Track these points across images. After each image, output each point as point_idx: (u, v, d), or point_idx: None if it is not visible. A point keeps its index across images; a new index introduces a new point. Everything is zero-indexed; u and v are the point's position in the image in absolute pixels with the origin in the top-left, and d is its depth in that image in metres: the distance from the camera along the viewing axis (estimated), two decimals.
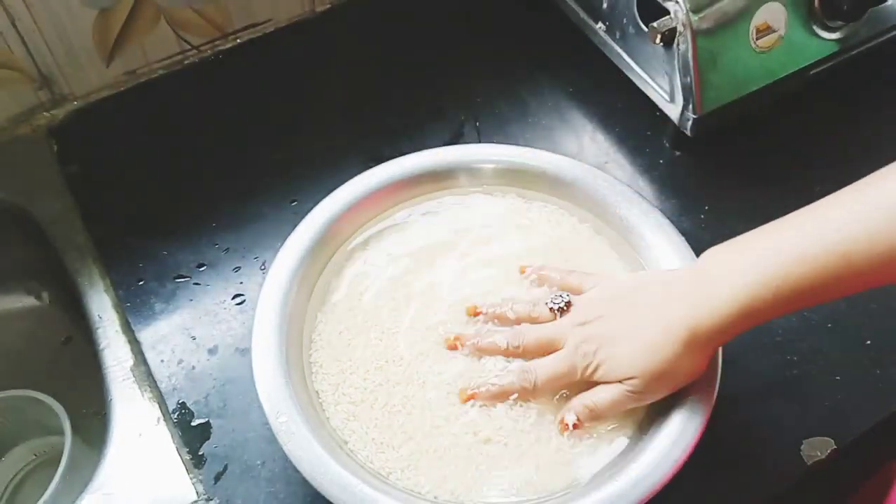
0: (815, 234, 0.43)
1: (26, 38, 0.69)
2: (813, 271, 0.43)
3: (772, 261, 0.44)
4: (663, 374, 0.47)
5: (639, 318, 0.49)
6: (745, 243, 0.47)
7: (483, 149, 0.64)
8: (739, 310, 0.44)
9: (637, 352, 0.48)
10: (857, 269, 0.42)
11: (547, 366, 0.51)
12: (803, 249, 0.43)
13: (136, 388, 0.58)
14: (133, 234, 0.67)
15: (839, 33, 0.67)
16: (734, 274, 0.45)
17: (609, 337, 0.49)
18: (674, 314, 0.47)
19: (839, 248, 0.42)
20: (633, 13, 0.67)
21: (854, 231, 0.42)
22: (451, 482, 0.50)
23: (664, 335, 0.47)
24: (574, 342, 0.50)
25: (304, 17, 0.82)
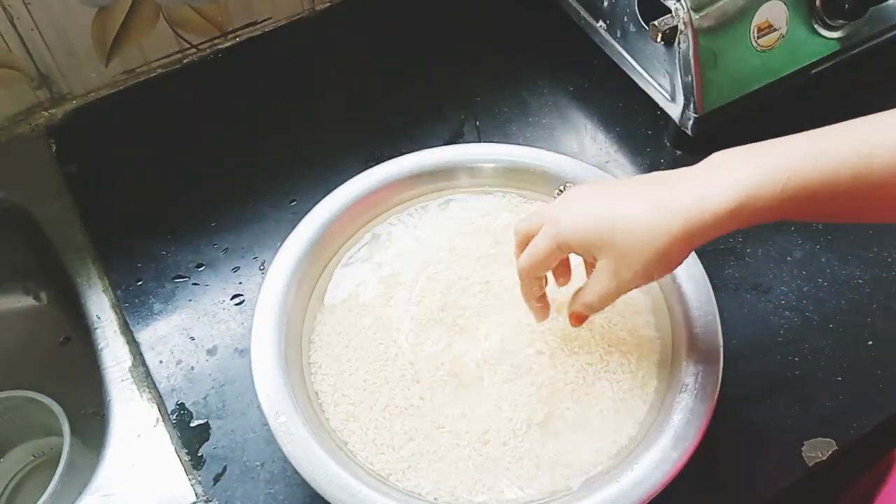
0: (834, 135, 0.41)
1: (25, 37, 0.68)
2: (827, 169, 0.40)
3: (782, 155, 0.41)
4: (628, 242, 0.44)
5: (622, 193, 0.46)
6: (757, 144, 0.43)
7: (483, 148, 0.64)
8: (736, 201, 0.41)
9: (603, 212, 0.45)
10: (877, 177, 0.39)
11: (528, 249, 0.49)
12: (818, 147, 0.40)
13: (135, 389, 0.58)
14: (132, 234, 0.66)
15: (840, 32, 0.67)
16: (737, 167, 0.42)
17: (582, 203, 0.47)
18: (664, 194, 0.44)
19: (860, 149, 0.39)
20: (634, 11, 0.67)
21: (878, 137, 0.39)
22: (451, 483, 0.50)
23: (647, 207, 0.43)
24: (548, 213, 0.48)
25: (304, 15, 0.82)
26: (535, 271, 0.49)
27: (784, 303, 0.61)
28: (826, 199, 0.41)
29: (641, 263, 0.44)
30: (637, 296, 0.57)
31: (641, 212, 0.44)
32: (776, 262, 0.63)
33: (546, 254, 0.48)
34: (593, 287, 0.47)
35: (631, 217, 0.44)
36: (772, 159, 0.41)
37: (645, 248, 0.44)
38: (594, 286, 0.47)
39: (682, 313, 0.54)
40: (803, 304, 0.61)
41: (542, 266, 0.49)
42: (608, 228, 0.45)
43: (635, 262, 0.44)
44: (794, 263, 0.63)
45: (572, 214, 0.46)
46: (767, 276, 0.63)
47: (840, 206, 0.42)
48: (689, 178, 0.44)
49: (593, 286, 0.47)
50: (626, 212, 0.44)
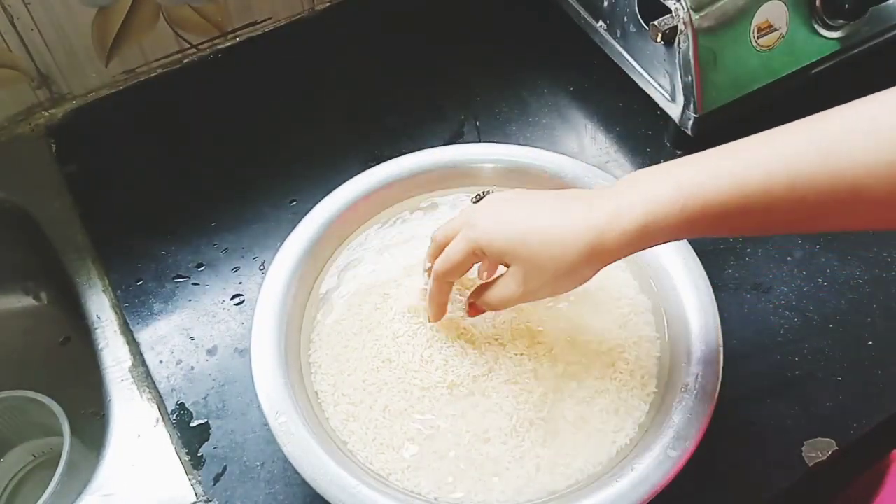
0: (734, 159, 0.41)
1: (25, 36, 0.68)
2: (726, 193, 0.40)
3: (684, 177, 0.41)
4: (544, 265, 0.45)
5: (537, 206, 0.47)
6: (676, 161, 0.44)
7: (483, 148, 0.64)
8: (641, 220, 0.42)
9: (526, 230, 0.45)
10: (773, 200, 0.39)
11: (443, 254, 0.50)
12: (718, 170, 0.41)
13: (135, 389, 0.58)
14: (132, 234, 0.66)
15: (840, 32, 0.67)
16: (649, 184, 0.43)
17: (499, 212, 0.47)
18: (575, 211, 0.44)
19: (757, 168, 0.39)
20: (634, 11, 0.67)
21: (775, 160, 0.40)
22: (451, 483, 0.50)
23: (558, 223, 0.44)
24: (466, 218, 0.49)
25: (304, 15, 0.82)
26: (449, 275, 0.50)
27: (784, 303, 0.61)
28: (731, 221, 0.41)
29: (551, 275, 0.45)
30: (637, 296, 0.57)
31: (554, 225, 0.45)
32: (776, 262, 0.63)
33: (461, 258, 0.49)
34: (499, 289, 0.48)
35: (544, 229, 0.45)
36: (677, 178, 0.42)
37: (555, 261, 0.45)
38: (500, 289, 0.48)
39: (682, 313, 0.54)
40: (803, 304, 0.61)
41: (457, 270, 0.50)
42: (521, 238, 0.46)
43: (545, 273, 0.45)
44: (794, 263, 0.63)
45: (489, 221, 0.48)
46: (767, 276, 0.63)
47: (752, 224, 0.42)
48: (606, 195, 0.45)
49: (500, 289, 0.48)
50: (540, 223, 0.45)
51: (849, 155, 0.38)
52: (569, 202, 0.46)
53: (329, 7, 0.83)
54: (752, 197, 0.40)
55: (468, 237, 0.48)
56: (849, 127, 0.39)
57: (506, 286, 0.48)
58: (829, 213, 0.40)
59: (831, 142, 0.39)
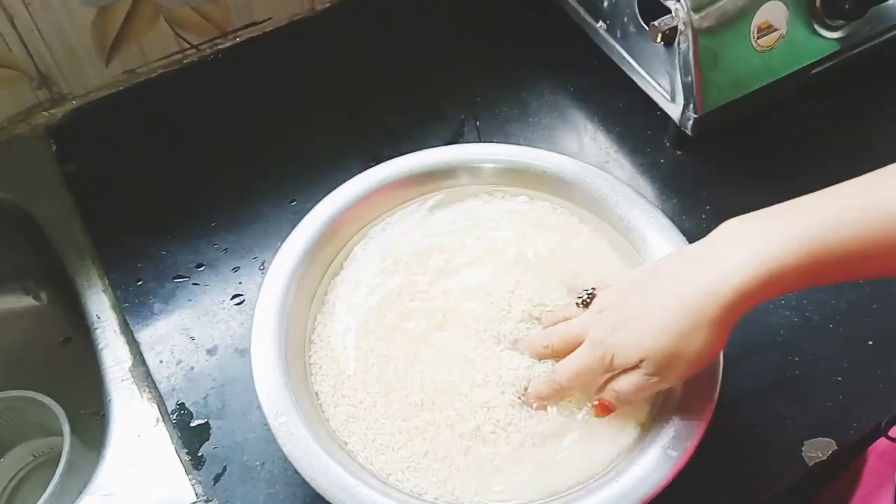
0: (853, 200, 0.40)
1: (25, 36, 0.68)
2: (854, 234, 0.39)
3: (803, 225, 0.40)
4: (673, 352, 0.44)
5: (653, 297, 0.46)
6: (768, 212, 0.43)
7: (483, 148, 0.64)
8: (763, 274, 0.40)
9: (647, 330, 0.45)
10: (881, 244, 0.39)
11: (570, 362, 0.49)
12: (840, 213, 0.40)
13: (135, 389, 0.58)
14: (132, 234, 0.66)
15: (840, 32, 0.67)
16: (758, 237, 0.41)
17: (623, 319, 0.47)
18: (688, 284, 0.43)
19: (881, 211, 0.39)
20: (634, 12, 0.67)
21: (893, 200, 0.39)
22: (451, 483, 0.50)
23: (674, 310, 0.44)
24: (593, 332, 0.48)
25: (304, 16, 0.82)
26: (578, 386, 0.50)
27: (784, 303, 0.61)
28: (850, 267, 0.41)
29: (688, 362, 0.45)
30: None
31: (672, 310, 0.44)
32: None
33: (592, 369, 0.48)
34: (631, 381, 0.47)
35: (664, 321, 0.44)
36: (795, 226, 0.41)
37: (688, 347, 0.44)
38: (632, 381, 0.47)
39: None
40: (803, 304, 0.61)
41: (586, 381, 0.49)
42: (647, 341, 0.45)
43: (682, 362, 0.45)
44: None
45: (614, 337, 0.47)
46: None
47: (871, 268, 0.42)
48: (711, 256, 0.43)
49: (631, 381, 0.47)
50: (658, 315, 0.44)
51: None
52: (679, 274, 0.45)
53: (329, 7, 0.83)
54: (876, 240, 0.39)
55: (597, 354, 0.47)
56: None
57: (639, 377, 0.46)
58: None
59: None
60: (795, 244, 0.40)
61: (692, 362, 0.45)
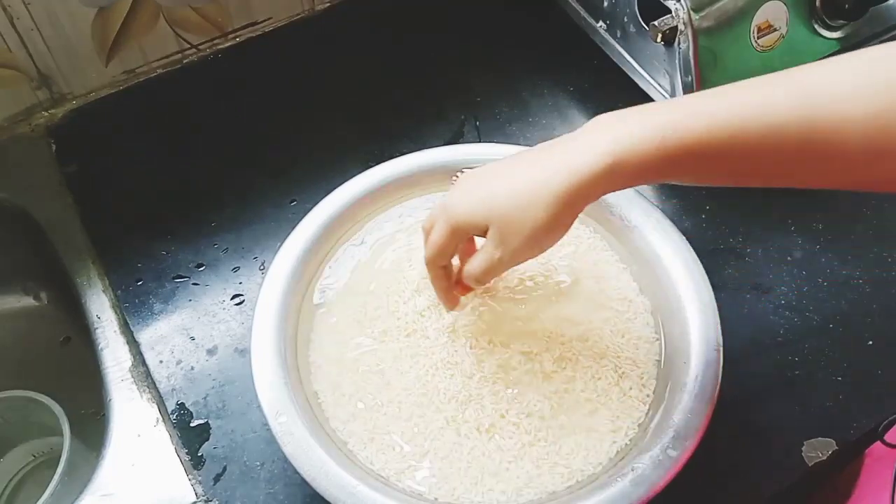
0: (711, 100, 0.40)
1: (25, 37, 0.68)
2: (701, 131, 0.39)
3: (659, 116, 0.41)
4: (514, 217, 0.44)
5: (506, 169, 0.46)
6: (639, 106, 0.43)
7: (483, 148, 0.64)
8: (609, 158, 0.41)
9: (491, 194, 0.45)
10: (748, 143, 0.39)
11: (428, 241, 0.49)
12: (695, 110, 0.40)
13: (135, 389, 0.58)
14: (132, 234, 0.66)
15: (840, 32, 0.67)
16: (615, 127, 0.42)
17: (471, 188, 0.47)
18: (540, 161, 0.44)
19: (733, 112, 0.39)
20: (634, 12, 0.67)
21: (753, 103, 0.39)
22: (451, 483, 0.50)
23: (522, 180, 0.44)
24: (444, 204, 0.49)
25: (304, 16, 0.82)
26: (438, 260, 0.50)
27: (784, 303, 0.61)
28: (709, 163, 0.41)
29: (528, 228, 0.44)
30: (637, 297, 0.57)
31: (522, 179, 0.44)
32: (776, 262, 0.63)
33: (443, 240, 0.48)
34: (480, 257, 0.47)
35: (511, 185, 0.45)
36: (650, 117, 0.41)
37: (527, 213, 0.44)
38: (481, 256, 0.47)
39: (682, 314, 0.54)
40: (803, 304, 0.61)
41: (443, 253, 0.49)
42: (490, 200, 0.45)
43: (521, 228, 0.44)
44: (794, 263, 0.63)
45: (461, 198, 0.47)
46: (767, 276, 0.63)
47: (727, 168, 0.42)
48: (569, 140, 0.44)
49: (480, 256, 0.47)
50: (507, 181, 0.45)
51: (826, 104, 0.38)
52: (533, 156, 0.46)
53: (329, 7, 0.83)
54: (728, 139, 0.39)
55: (445, 218, 0.48)
56: (829, 78, 0.39)
57: (485, 252, 0.47)
58: (804, 165, 0.40)
59: (810, 90, 0.38)
60: (646, 133, 0.41)
61: (533, 232, 0.44)
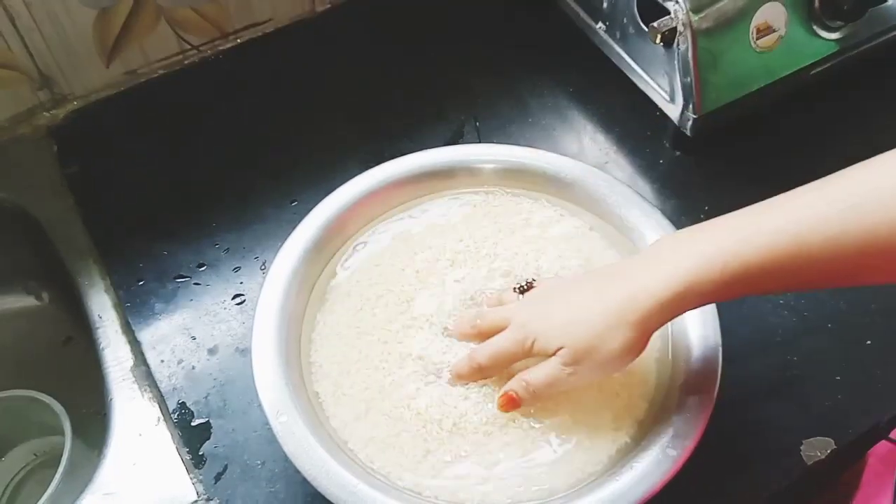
0: (767, 217, 0.43)
1: (26, 37, 0.69)
2: (762, 251, 0.42)
3: (720, 240, 0.43)
4: (591, 344, 0.46)
5: (580, 295, 0.49)
6: (697, 227, 0.46)
7: (483, 149, 0.64)
8: (679, 286, 0.44)
9: (569, 322, 0.47)
10: (808, 253, 0.41)
11: (491, 343, 0.51)
12: (754, 230, 0.42)
13: (137, 388, 0.58)
14: (133, 234, 0.67)
15: (839, 33, 0.67)
16: (679, 253, 0.44)
17: (548, 310, 0.49)
18: (612, 289, 0.47)
19: (789, 230, 0.41)
20: (633, 13, 0.67)
21: (806, 215, 0.41)
22: (451, 482, 0.50)
23: (598, 306, 0.46)
24: (518, 316, 0.51)
25: (305, 16, 0.82)
26: (497, 367, 0.51)
27: (783, 303, 0.61)
28: (766, 281, 0.43)
29: (604, 356, 0.46)
30: None
31: (598, 308, 0.46)
32: None
33: (511, 348, 0.50)
34: (547, 371, 0.48)
35: (588, 315, 0.47)
36: (711, 243, 0.43)
37: (606, 343, 0.46)
38: (547, 370, 0.48)
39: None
40: (803, 304, 0.61)
41: (504, 360, 0.51)
42: (568, 325, 0.47)
43: (598, 355, 0.46)
44: None
45: (536, 314, 0.50)
46: None
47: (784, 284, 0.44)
48: (638, 268, 0.46)
49: (546, 370, 0.48)
50: (583, 309, 0.47)
51: (878, 210, 0.39)
52: (606, 279, 0.48)
53: (329, 8, 0.83)
54: (789, 257, 0.41)
55: (521, 327, 0.49)
56: (875, 183, 0.40)
57: (553, 368, 0.48)
58: (866, 269, 0.41)
59: (861, 198, 0.40)
60: (707, 260, 0.43)
61: (607, 359, 0.47)
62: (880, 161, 0.41)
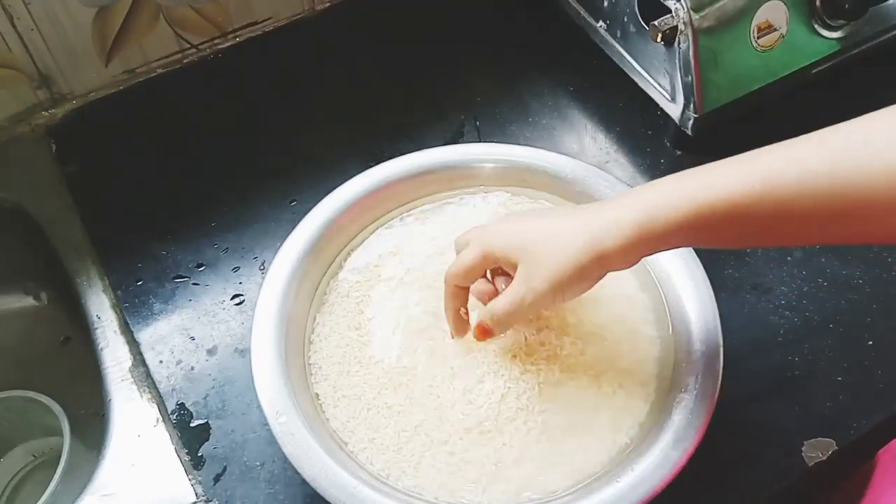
0: (743, 160, 0.42)
1: (25, 37, 0.68)
2: (738, 191, 0.41)
3: (691, 179, 0.43)
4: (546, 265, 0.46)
5: (538, 216, 0.49)
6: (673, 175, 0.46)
7: (483, 148, 0.64)
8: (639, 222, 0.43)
9: (527, 239, 0.47)
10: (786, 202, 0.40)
11: (456, 260, 0.51)
12: (727, 171, 0.42)
13: (135, 389, 0.58)
14: (132, 234, 0.66)
15: (840, 32, 0.67)
16: (647, 192, 0.45)
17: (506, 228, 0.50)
18: (582, 215, 0.46)
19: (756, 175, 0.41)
20: (634, 12, 0.67)
21: (790, 159, 0.41)
22: (451, 482, 0.50)
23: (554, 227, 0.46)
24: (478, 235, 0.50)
25: (304, 15, 0.82)
26: (459, 278, 0.51)
27: (784, 303, 0.61)
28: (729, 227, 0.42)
29: (554, 272, 0.46)
30: (637, 295, 0.57)
31: (557, 225, 0.47)
32: (776, 262, 0.64)
33: (471, 261, 0.49)
34: (505, 296, 0.49)
35: (546, 228, 0.47)
36: (682, 183, 0.43)
37: (558, 259, 0.46)
38: (505, 294, 0.49)
39: (681, 313, 0.54)
40: (803, 304, 0.61)
41: (468, 273, 0.50)
42: (527, 238, 0.47)
43: (547, 270, 0.46)
44: (794, 263, 0.63)
45: (499, 228, 0.50)
46: (767, 276, 0.63)
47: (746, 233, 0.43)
48: (610, 201, 0.47)
49: (505, 295, 0.49)
50: (545, 225, 0.48)
51: (858, 166, 0.39)
52: (574, 210, 0.48)
53: (329, 7, 0.83)
54: (760, 202, 0.41)
55: (479, 241, 0.49)
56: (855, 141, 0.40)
57: (511, 290, 0.48)
58: (838, 224, 0.41)
59: (839, 154, 0.40)
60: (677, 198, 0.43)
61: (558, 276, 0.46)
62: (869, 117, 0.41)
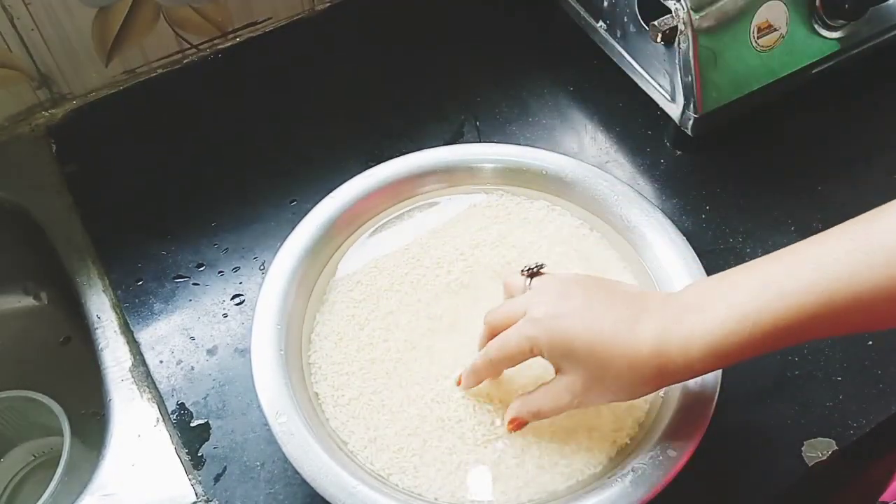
0: (796, 272, 0.41)
1: (25, 37, 0.68)
2: (792, 308, 0.40)
3: (750, 296, 0.42)
4: (606, 387, 0.45)
5: (602, 319, 0.45)
6: (724, 276, 0.44)
7: (483, 148, 0.64)
8: (710, 347, 0.42)
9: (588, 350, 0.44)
10: (839, 309, 0.40)
11: (502, 335, 0.48)
12: (782, 286, 0.41)
13: (135, 389, 0.58)
14: (132, 234, 0.66)
15: (840, 32, 0.67)
16: (710, 307, 0.43)
17: (565, 324, 0.45)
18: (644, 330, 0.44)
19: (819, 286, 0.40)
20: (634, 12, 0.67)
21: (836, 270, 0.40)
22: (451, 483, 0.50)
23: (620, 346, 0.44)
24: (533, 310, 0.47)
25: (304, 15, 0.82)
26: (503, 364, 0.49)
27: None
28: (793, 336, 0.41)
29: (612, 392, 0.46)
30: None
31: (621, 342, 0.44)
32: None
33: (517, 352, 0.47)
34: (550, 396, 0.47)
35: (611, 343, 0.44)
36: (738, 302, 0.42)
37: (619, 381, 0.45)
38: (554, 397, 0.47)
39: None
40: None
41: (511, 362, 0.49)
42: (587, 349, 0.44)
43: (606, 389, 0.45)
44: None
45: (551, 319, 0.46)
46: None
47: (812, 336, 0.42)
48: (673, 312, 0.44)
49: (550, 395, 0.47)
50: (606, 335, 0.44)
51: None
52: (636, 313, 0.45)
53: (329, 7, 0.83)
54: (817, 314, 0.40)
55: (528, 334, 0.46)
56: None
57: (560, 395, 0.46)
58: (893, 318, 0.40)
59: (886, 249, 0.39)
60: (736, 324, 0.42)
61: (617, 397, 0.46)
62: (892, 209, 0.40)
